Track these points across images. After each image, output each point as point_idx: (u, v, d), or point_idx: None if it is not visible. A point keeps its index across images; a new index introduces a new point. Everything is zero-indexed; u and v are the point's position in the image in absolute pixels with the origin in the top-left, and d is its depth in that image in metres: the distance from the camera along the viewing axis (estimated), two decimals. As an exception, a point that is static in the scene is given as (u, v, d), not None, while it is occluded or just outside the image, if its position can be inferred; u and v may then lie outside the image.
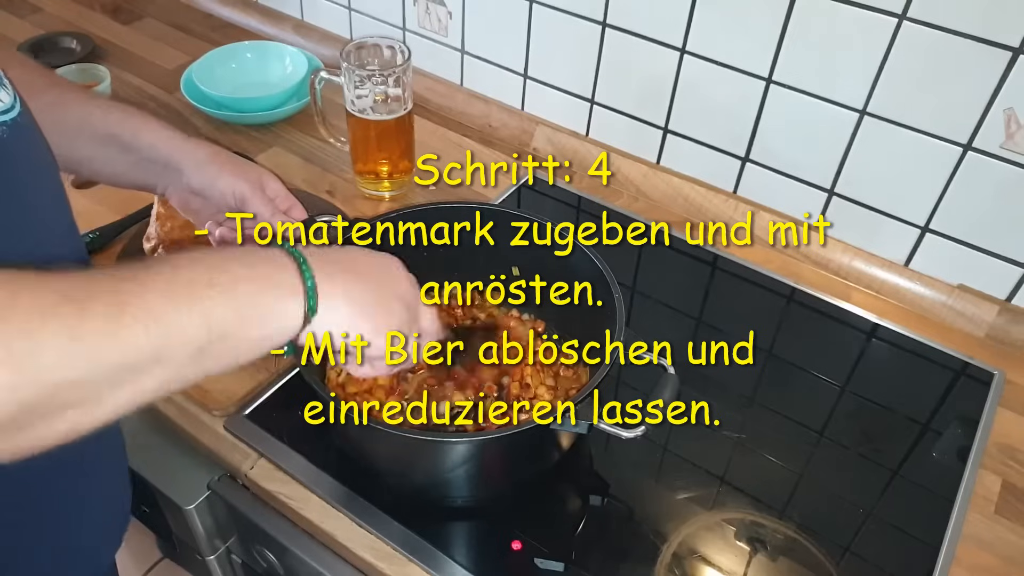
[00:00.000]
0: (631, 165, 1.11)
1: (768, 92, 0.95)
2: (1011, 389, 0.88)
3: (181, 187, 0.72)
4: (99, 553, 0.68)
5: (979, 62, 0.80)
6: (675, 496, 0.76)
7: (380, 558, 0.70)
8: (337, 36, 1.34)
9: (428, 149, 1.14)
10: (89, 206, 1.01)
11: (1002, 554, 0.73)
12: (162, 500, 0.84)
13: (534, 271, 0.84)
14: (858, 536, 0.74)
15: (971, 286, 0.94)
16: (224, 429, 0.79)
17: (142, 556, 1.51)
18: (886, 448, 0.81)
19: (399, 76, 0.97)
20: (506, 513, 0.74)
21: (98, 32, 1.38)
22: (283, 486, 0.76)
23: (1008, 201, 0.86)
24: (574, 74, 1.11)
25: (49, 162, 0.57)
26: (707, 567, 0.71)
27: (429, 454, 0.68)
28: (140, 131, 0.70)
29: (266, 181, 0.73)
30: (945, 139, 0.86)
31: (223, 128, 1.18)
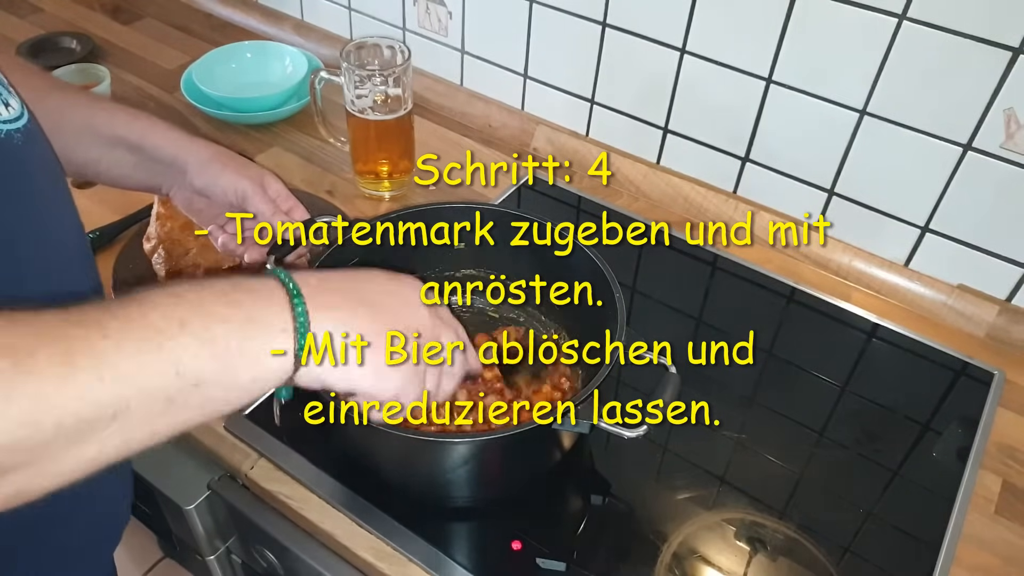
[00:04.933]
0: (631, 165, 1.11)
1: (768, 92, 0.95)
2: (1011, 389, 0.88)
3: (184, 186, 0.73)
4: (99, 550, 0.68)
5: (979, 62, 0.80)
6: (675, 496, 0.76)
7: (380, 558, 0.70)
8: (337, 36, 1.34)
9: (428, 149, 1.14)
10: (89, 206, 1.01)
11: (1002, 554, 0.73)
12: (162, 500, 0.84)
13: (534, 271, 0.84)
14: (858, 536, 0.74)
15: (971, 286, 0.94)
16: (224, 429, 0.79)
17: (142, 556, 1.51)
18: (886, 448, 0.82)
19: (399, 76, 0.97)
20: (507, 513, 0.74)
21: (98, 32, 1.38)
22: (283, 486, 0.76)
23: (1008, 201, 0.86)
24: (574, 74, 1.11)
25: (57, 166, 0.57)
26: (707, 567, 0.71)
27: (429, 454, 0.68)
28: (146, 133, 0.70)
29: (268, 181, 0.73)
30: (945, 139, 0.86)
31: (223, 128, 1.18)
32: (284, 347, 0.43)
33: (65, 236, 0.57)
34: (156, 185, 0.74)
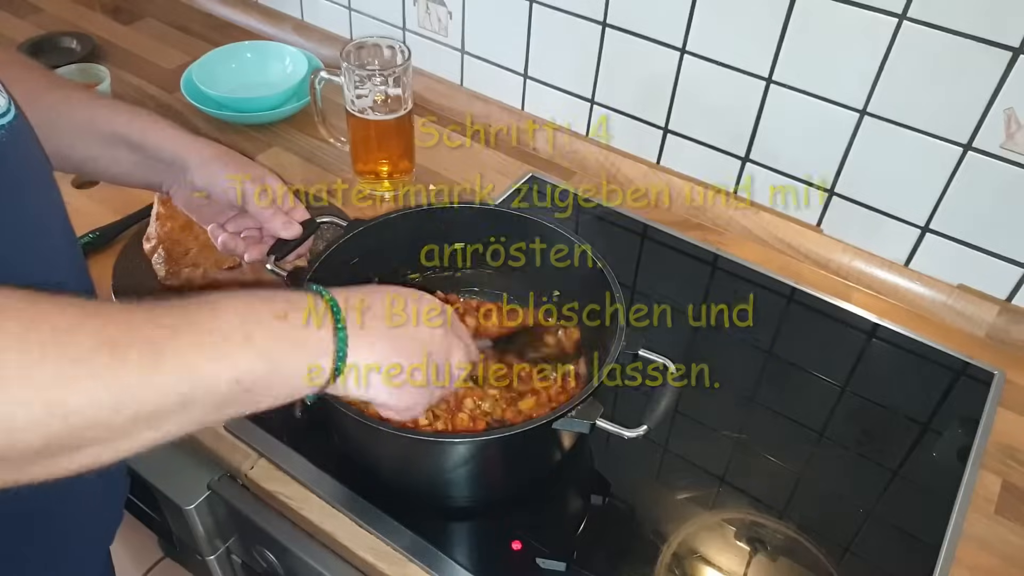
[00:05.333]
0: (631, 165, 1.11)
1: (768, 92, 0.95)
2: (1011, 389, 0.88)
3: (185, 185, 0.73)
4: (92, 549, 0.68)
5: (979, 62, 0.80)
6: (675, 496, 0.76)
7: (380, 558, 0.70)
8: (337, 36, 1.34)
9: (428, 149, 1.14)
10: (89, 206, 1.01)
11: (1002, 554, 0.73)
12: (162, 500, 0.84)
13: (534, 271, 0.84)
14: (858, 536, 0.74)
15: (971, 286, 0.94)
16: (224, 429, 0.79)
17: (142, 556, 1.51)
18: (886, 448, 0.81)
19: (399, 76, 0.97)
20: (507, 513, 0.74)
21: (98, 32, 1.38)
22: (283, 486, 0.76)
23: (1008, 201, 0.86)
24: (574, 74, 1.11)
25: (44, 163, 0.57)
26: (707, 567, 0.71)
27: (429, 454, 0.68)
28: (147, 131, 0.70)
29: (269, 180, 0.73)
30: (945, 139, 0.86)
31: (223, 128, 1.18)
32: (324, 369, 0.50)
33: (52, 234, 0.57)
34: (156, 183, 0.74)
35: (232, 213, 0.75)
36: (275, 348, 0.47)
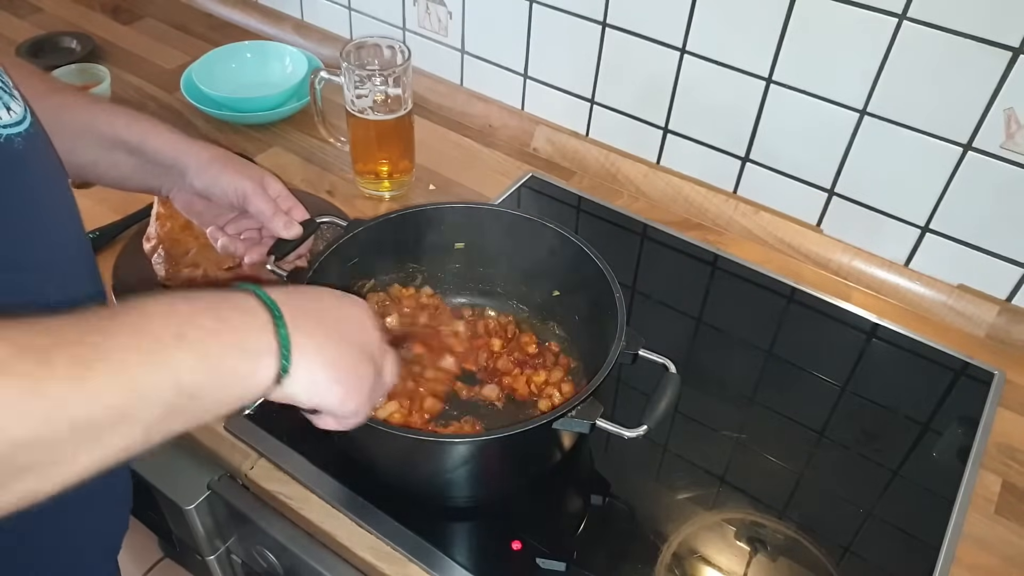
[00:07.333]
0: (631, 165, 1.11)
1: (768, 92, 0.95)
2: (1011, 389, 0.88)
3: (185, 188, 0.73)
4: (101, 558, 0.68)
5: (979, 62, 0.80)
6: (675, 496, 0.76)
7: (380, 558, 0.70)
8: (337, 36, 1.34)
9: (428, 149, 1.14)
10: (89, 206, 1.01)
11: (1002, 554, 0.73)
12: (162, 500, 0.84)
13: (534, 270, 0.84)
14: (858, 536, 0.74)
15: (971, 286, 0.94)
16: (224, 429, 0.79)
17: (142, 556, 1.51)
18: (886, 448, 0.81)
19: (399, 76, 0.97)
20: (507, 513, 0.74)
21: (98, 32, 1.38)
22: (283, 486, 0.76)
23: (1008, 201, 0.86)
24: (574, 74, 1.11)
25: (59, 169, 0.57)
26: (707, 567, 0.71)
27: (429, 454, 0.68)
28: (146, 135, 0.70)
29: (268, 182, 0.73)
30: (945, 139, 0.86)
31: (223, 128, 1.18)
32: (270, 369, 0.46)
33: (67, 240, 0.57)
34: (156, 187, 0.74)
35: (231, 215, 0.76)
36: (211, 346, 0.43)
